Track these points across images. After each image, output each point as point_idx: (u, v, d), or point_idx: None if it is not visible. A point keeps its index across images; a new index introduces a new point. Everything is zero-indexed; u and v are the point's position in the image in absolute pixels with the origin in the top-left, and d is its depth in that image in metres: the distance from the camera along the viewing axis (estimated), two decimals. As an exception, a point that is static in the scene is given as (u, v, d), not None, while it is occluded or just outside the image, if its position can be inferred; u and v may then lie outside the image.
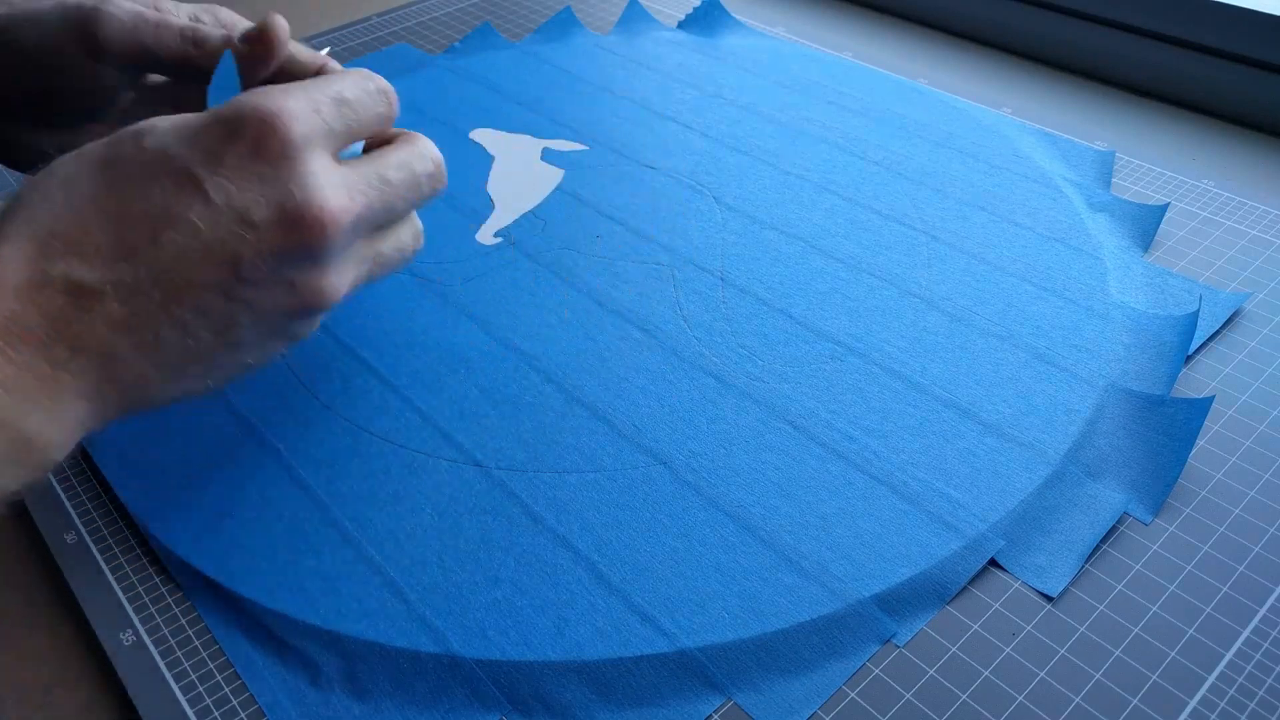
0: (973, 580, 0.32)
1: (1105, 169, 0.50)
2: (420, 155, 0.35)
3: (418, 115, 0.57)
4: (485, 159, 0.53)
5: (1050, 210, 0.47)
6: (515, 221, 0.49)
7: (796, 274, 0.44)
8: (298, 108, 0.31)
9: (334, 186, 0.31)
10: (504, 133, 0.55)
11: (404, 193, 0.34)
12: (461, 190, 0.51)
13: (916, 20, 0.68)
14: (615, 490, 0.35)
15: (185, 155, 0.30)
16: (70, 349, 0.28)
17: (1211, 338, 0.40)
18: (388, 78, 0.64)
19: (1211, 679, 0.29)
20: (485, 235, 0.48)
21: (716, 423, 0.37)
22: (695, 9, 0.67)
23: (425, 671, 0.30)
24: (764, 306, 0.43)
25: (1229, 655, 0.30)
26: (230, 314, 0.30)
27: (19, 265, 0.28)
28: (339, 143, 0.33)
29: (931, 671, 0.30)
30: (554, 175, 0.52)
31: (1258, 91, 0.54)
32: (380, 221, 0.34)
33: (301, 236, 0.30)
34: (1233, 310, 0.41)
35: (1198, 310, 0.39)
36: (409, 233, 0.36)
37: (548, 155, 0.54)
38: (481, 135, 0.55)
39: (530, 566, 0.33)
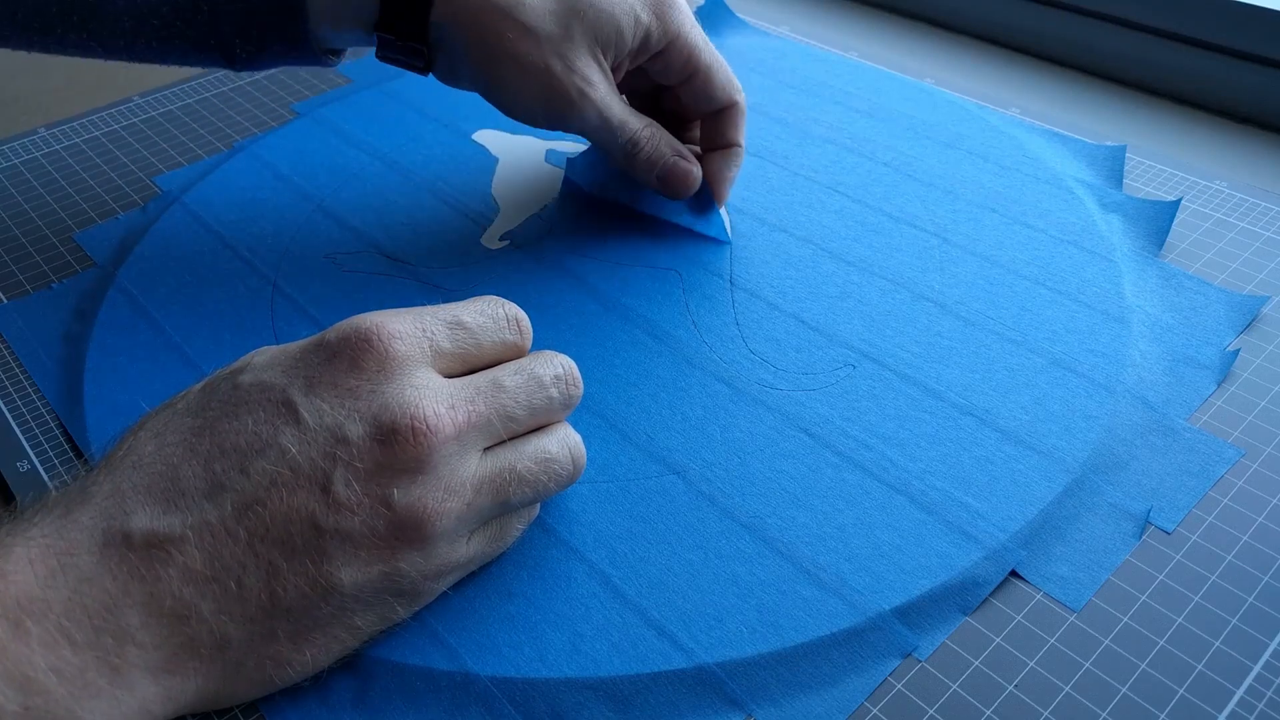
0: (994, 592, 0.32)
1: (1116, 166, 0.50)
2: (545, 360, 0.32)
3: (420, 117, 0.56)
4: (489, 161, 0.53)
5: (1062, 211, 0.47)
6: (520, 225, 0.48)
7: (807, 277, 0.44)
8: (401, 328, 0.30)
9: (434, 397, 0.29)
10: (507, 134, 0.55)
11: (524, 399, 0.31)
12: (465, 193, 0.50)
13: (922, 19, 0.68)
14: (628, 500, 0.34)
15: (283, 383, 0.29)
16: (142, 612, 0.26)
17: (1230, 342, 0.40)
18: (388, 78, 0.62)
19: (1240, 693, 0.29)
20: (490, 239, 0.47)
21: (730, 431, 0.37)
22: (699, 8, 0.66)
23: (439, 689, 0.29)
24: (775, 311, 0.42)
25: (1257, 668, 0.29)
26: (321, 548, 0.27)
27: (95, 528, 0.26)
28: (451, 365, 0.31)
29: (954, 686, 0.29)
30: (558, 177, 0.51)
31: (1271, 91, 0.53)
32: (498, 434, 0.30)
33: (395, 449, 0.28)
34: (1253, 314, 0.41)
35: (1218, 322, 0.39)
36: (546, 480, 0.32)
37: (551, 157, 0.53)
38: (485, 137, 0.55)
39: (543, 579, 0.32)
